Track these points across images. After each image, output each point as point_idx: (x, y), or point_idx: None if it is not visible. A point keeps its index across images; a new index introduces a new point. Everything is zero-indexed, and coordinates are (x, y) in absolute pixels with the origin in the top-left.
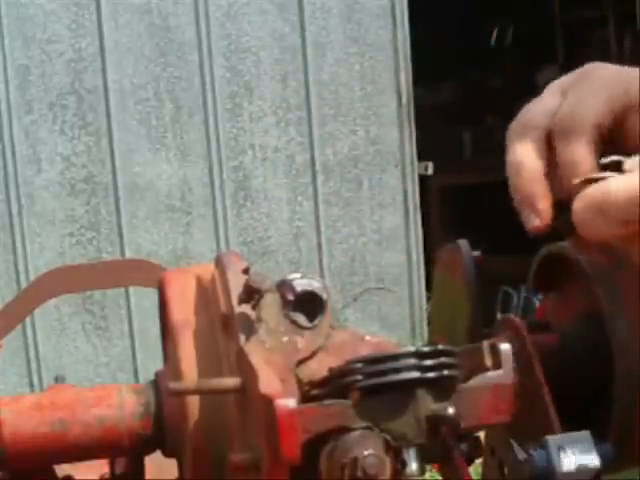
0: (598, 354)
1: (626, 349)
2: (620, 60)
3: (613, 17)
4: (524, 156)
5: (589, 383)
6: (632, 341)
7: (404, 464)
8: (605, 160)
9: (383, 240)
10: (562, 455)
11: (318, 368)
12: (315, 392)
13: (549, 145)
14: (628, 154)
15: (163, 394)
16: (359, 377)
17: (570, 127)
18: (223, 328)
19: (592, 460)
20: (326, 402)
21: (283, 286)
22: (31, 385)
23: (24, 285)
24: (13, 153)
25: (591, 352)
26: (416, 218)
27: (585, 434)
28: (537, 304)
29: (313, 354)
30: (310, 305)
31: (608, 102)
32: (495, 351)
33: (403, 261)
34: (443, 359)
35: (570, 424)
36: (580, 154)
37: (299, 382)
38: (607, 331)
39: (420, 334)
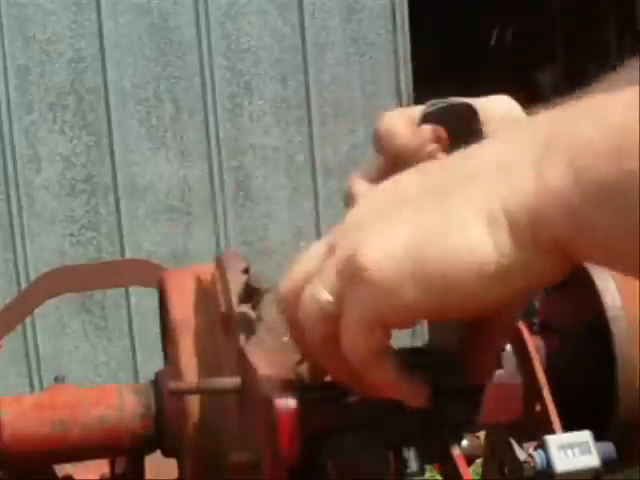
0: (599, 354)
1: (627, 349)
2: (620, 60)
3: (613, 17)
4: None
5: (589, 383)
6: (632, 341)
7: (404, 464)
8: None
9: None
10: (562, 455)
11: None
12: (315, 392)
13: None
14: None
15: (163, 394)
16: None
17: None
18: (223, 328)
19: (592, 460)
20: (326, 402)
21: None
22: (31, 385)
23: (24, 285)
24: (13, 153)
25: (591, 352)
26: None
27: (585, 434)
28: (537, 304)
29: None
30: None
31: None
32: None
33: None
34: (443, 361)
35: (570, 424)
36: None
37: (299, 382)
38: (608, 330)
39: (420, 334)
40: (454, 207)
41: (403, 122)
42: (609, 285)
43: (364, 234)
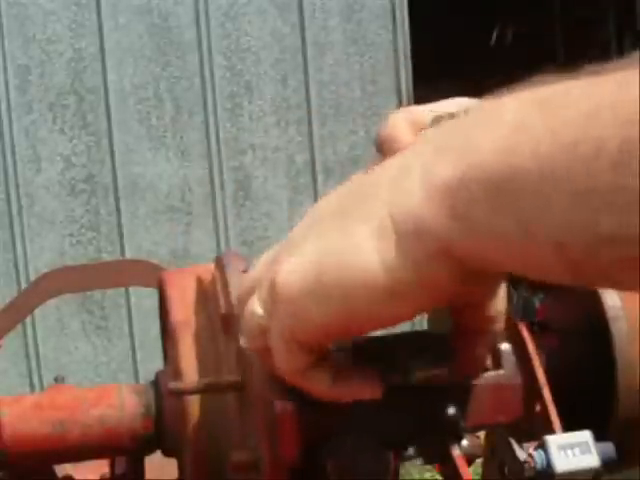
0: (598, 354)
1: (627, 349)
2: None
3: (613, 17)
4: None
5: (589, 383)
6: (632, 341)
7: (404, 464)
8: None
9: None
10: (562, 455)
11: None
12: None
13: None
14: None
15: (163, 394)
16: None
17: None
18: (223, 328)
19: (592, 460)
20: (326, 402)
21: None
22: (31, 385)
23: (24, 285)
24: (13, 153)
25: (591, 352)
26: None
27: (585, 434)
28: (537, 304)
29: None
30: None
31: None
32: (496, 351)
33: None
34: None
35: (570, 424)
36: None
37: None
38: (608, 331)
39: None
40: (352, 223)
41: (407, 127)
42: None
43: (285, 252)
